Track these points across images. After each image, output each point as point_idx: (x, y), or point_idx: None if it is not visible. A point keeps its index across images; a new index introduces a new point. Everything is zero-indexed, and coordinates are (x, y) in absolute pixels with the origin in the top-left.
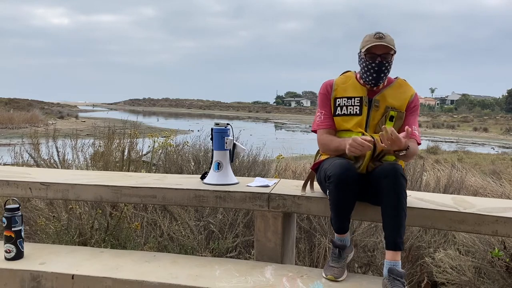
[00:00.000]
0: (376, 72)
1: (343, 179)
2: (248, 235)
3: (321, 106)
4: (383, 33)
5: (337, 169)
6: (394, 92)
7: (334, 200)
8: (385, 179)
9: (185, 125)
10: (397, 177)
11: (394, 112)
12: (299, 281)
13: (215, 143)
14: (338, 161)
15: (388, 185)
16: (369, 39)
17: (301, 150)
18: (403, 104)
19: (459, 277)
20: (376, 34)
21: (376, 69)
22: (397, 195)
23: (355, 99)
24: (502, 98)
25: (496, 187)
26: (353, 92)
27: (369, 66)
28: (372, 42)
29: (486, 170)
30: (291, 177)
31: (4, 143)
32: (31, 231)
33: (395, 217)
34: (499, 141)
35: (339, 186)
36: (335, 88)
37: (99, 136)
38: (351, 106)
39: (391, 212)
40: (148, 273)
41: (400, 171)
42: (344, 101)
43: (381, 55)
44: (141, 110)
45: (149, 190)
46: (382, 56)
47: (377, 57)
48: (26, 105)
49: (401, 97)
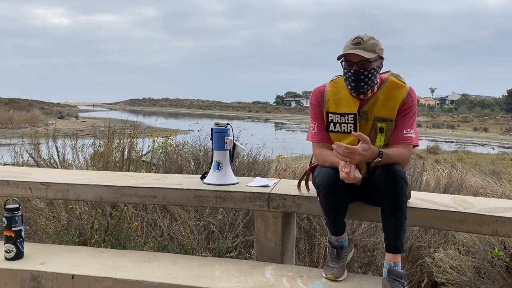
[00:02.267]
0: (354, 81)
1: (331, 188)
2: (248, 235)
3: (313, 118)
4: (363, 37)
5: (325, 178)
6: (384, 98)
7: (324, 207)
8: (384, 182)
9: (185, 125)
10: (397, 180)
11: (382, 124)
12: (299, 281)
13: (215, 143)
14: (325, 169)
15: (388, 189)
16: (347, 44)
17: (301, 150)
18: (393, 112)
19: (459, 277)
20: (354, 39)
21: (353, 78)
22: (397, 199)
23: (348, 116)
24: (502, 98)
25: (496, 187)
26: (346, 106)
27: (347, 75)
28: (348, 48)
29: (486, 170)
30: (291, 177)
31: (4, 143)
32: (31, 231)
33: (395, 221)
34: (499, 141)
35: (328, 195)
36: (326, 100)
37: (99, 136)
38: (345, 123)
39: (391, 215)
40: (148, 273)
41: (401, 174)
42: (337, 118)
43: (358, 63)
44: (141, 110)
45: (149, 190)
46: (358, 64)
47: (353, 65)
48: (26, 105)
49: (390, 104)
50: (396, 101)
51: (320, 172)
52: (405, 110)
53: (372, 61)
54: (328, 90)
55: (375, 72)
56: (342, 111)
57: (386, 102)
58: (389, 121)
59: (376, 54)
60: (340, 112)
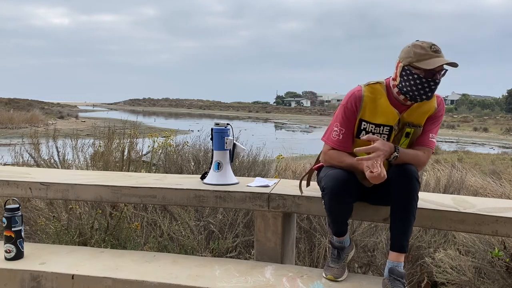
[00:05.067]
0: (431, 90)
1: (338, 193)
2: (248, 235)
3: (342, 123)
4: (435, 44)
5: (332, 183)
6: (418, 105)
7: (329, 210)
8: (398, 180)
9: (185, 125)
10: (411, 179)
11: (410, 129)
12: (299, 281)
13: (215, 143)
14: (332, 172)
15: (401, 187)
16: (425, 52)
17: (301, 150)
18: (423, 118)
19: (459, 277)
20: (432, 46)
21: (432, 87)
22: (409, 198)
23: (384, 127)
24: (502, 98)
25: (496, 187)
26: (383, 117)
27: (422, 84)
28: (430, 56)
29: (486, 170)
30: (291, 177)
31: (4, 143)
32: (31, 231)
33: (404, 220)
34: (499, 141)
35: (333, 200)
36: (363, 106)
37: (99, 136)
38: (378, 134)
39: (401, 214)
40: (148, 273)
41: (415, 174)
42: (371, 127)
43: (439, 71)
44: (141, 110)
45: (149, 190)
46: (439, 73)
47: (436, 73)
48: (26, 105)
49: (422, 111)
50: (428, 108)
51: (327, 175)
52: (436, 117)
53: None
54: (366, 96)
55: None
56: (378, 122)
57: (419, 108)
58: (418, 127)
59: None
60: (376, 122)
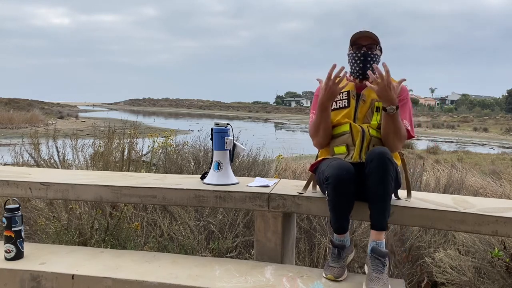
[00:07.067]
0: (362, 62)
1: (341, 179)
2: (248, 235)
3: (313, 107)
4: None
5: (335, 170)
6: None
7: (332, 200)
8: (371, 162)
9: (185, 125)
10: (383, 159)
11: (379, 103)
12: (299, 281)
13: (215, 143)
14: (335, 162)
15: (374, 168)
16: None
17: (301, 150)
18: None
19: (459, 277)
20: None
21: (362, 58)
22: (382, 178)
23: (343, 93)
24: (502, 98)
25: (496, 187)
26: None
27: (356, 57)
28: (357, 34)
29: (486, 170)
30: (291, 177)
31: (4, 143)
32: (31, 231)
33: (380, 200)
34: (499, 141)
35: (337, 187)
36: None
37: (99, 136)
38: (340, 100)
39: (376, 194)
40: (148, 273)
41: (387, 155)
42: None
43: (366, 45)
44: (141, 110)
45: (149, 190)
46: (367, 47)
47: (362, 47)
48: (26, 105)
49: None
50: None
51: (329, 165)
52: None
53: (377, 46)
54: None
55: (377, 60)
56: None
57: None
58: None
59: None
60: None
